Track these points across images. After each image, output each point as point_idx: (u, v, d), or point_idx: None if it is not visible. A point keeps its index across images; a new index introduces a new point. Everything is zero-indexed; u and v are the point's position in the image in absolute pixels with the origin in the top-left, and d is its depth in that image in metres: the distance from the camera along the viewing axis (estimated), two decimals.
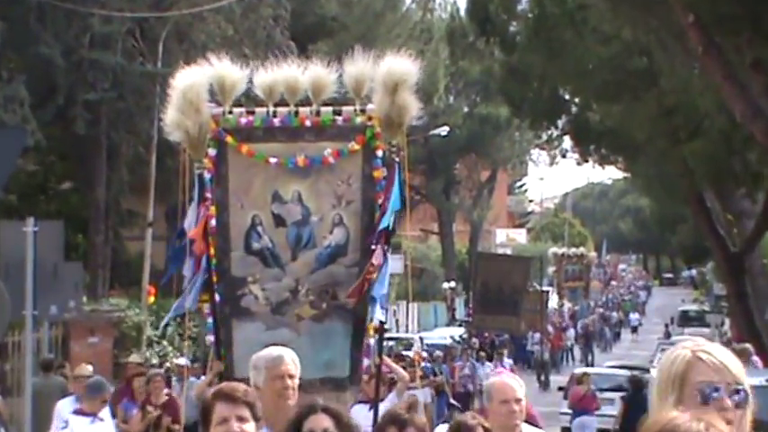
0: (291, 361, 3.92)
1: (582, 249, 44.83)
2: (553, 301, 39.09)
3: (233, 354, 5.99)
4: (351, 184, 6.05)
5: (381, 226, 5.83)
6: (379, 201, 6.03)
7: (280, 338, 5.68)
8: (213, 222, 6.06)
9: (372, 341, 6.17)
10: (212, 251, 6.02)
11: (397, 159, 6.08)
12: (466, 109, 41.56)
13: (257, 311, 6.07)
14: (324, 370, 5.89)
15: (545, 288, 34.30)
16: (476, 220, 44.34)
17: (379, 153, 6.06)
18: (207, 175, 6.04)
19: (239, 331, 6.03)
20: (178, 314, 6.23)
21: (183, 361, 12.37)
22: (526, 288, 25.18)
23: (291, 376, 3.87)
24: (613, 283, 60.93)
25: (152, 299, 21.13)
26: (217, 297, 5.94)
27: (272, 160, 6.01)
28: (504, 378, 4.23)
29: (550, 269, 44.11)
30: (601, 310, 44.96)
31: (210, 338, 6.00)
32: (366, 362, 6.22)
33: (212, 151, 6.06)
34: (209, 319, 5.97)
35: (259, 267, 6.11)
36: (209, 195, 6.05)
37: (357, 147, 6.03)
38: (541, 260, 31.01)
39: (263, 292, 6.07)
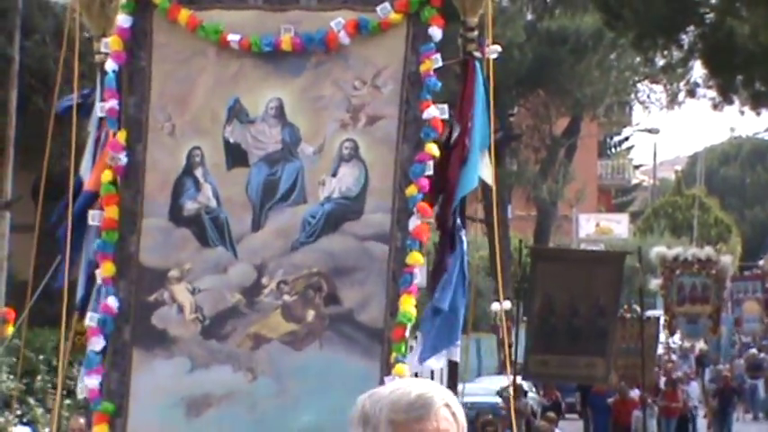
0: (447, 408, 3.13)
1: (708, 250, 44.21)
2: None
3: (128, 415, 5.80)
4: (379, 87, 5.81)
5: (459, 193, 5.85)
6: (430, 115, 5.84)
7: (215, 382, 5.59)
8: (120, 158, 5.70)
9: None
10: (110, 214, 5.85)
11: (476, 53, 6.06)
12: (530, 17, 40.50)
13: (178, 335, 5.85)
14: None
15: (653, 313, 33.73)
16: (546, 200, 44.02)
17: (437, 32, 5.88)
18: (111, 67, 5.76)
19: (145, 374, 5.82)
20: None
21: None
22: (617, 309, 24.36)
23: None
24: None
25: (10, 328, 20.87)
26: (111, 304, 5.78)
27: (232, 39, 5.70)
28: None
29: (654, 282, 43.79)
30: (753, 350, 44.68)
31: (88, 382, 5.82)
32: None
33: (124, 19, 5.75)
34: (92, 346, 5.86)
35: (190, 249, 5.85)
36: (112, 105, 5.76)
37: (395, 17, 5.83)
38: (640, 256, 30.32)
39: (193, 295, 5.88)
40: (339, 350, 5.85)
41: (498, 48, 6.23)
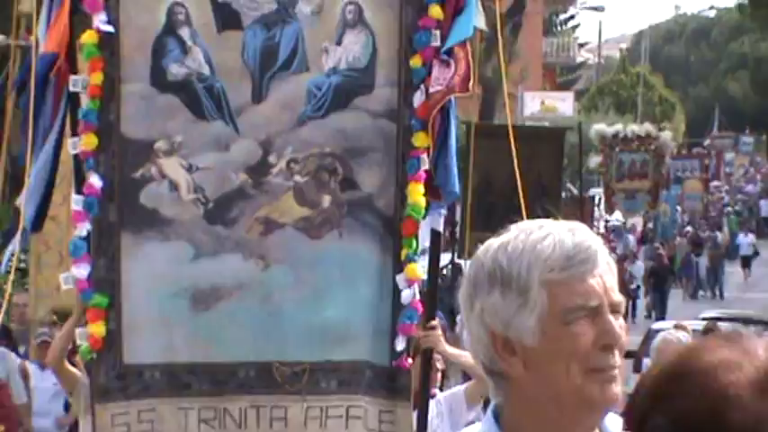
0: (604, 254, 2.27)
1: (648, 126, 44.24)
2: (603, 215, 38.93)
3: (121, 304, 5.52)
4: None
5: (452, 39, 5.55)
6: None
7: (223, 273, 5.36)
8: (102, 20, 5.27)
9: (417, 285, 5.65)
10: (95, 80, 5.39)
11: None
12: None
13: (175, 217, 5.57)
14: (326, 346, 5.58)
15: (591, 193, 33.79)
16: (491, 78, 43.66)
17: None
18: None
19: (137, 259, 5.55)
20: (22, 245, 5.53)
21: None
22: (559, 188, 24.20)
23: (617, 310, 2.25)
24: (715, 183, 61.17)
25: None
26: (94, 182, 5.44)
27: None
28: None
29: (594, 160, 44.01)
30: (689, 228, 45.08)
31: (76, 272, 5.49)
32: (400, 338, 5.69)
33: None
34: (78, 232, 5.50)
35: (180, 120, 5.50)
36: None
37: None
38: (580, 133, 30.26)
39: (189, 173, 5.53)
40: (359, 240, 5.50)
41: None
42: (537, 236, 2.16)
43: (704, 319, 21.92)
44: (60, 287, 5.80)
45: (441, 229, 5.96)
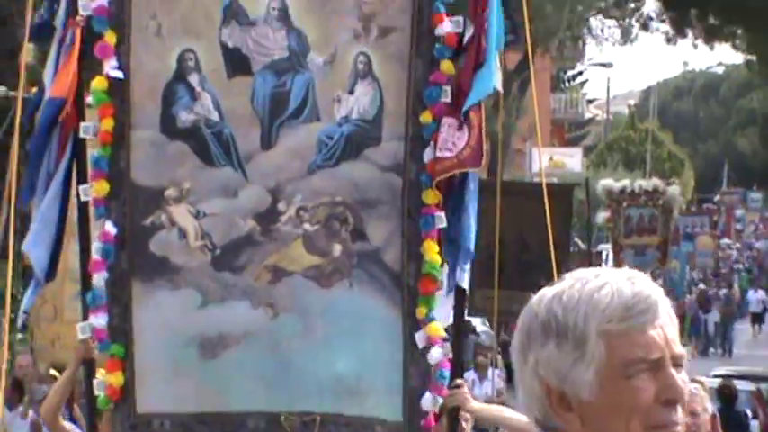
0: (665, 305, 2.22)
1: (655, 181, 44.10)
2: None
3: (134, 353, 5.45)
4: None
5: (472, 98, 5.47)
6: (444, 30, 5.52)
7: (231, 321, 5.26)
8: (114, 66, 5.26)
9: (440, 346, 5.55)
10: (105, 126, 5.38)
11: None
12: None
13: (184, 264, 5.49)
14: (336, 398, 5.44)
15: (599, 248, 33.64)
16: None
17: None
18: None
19: (148, 308, 5.45)
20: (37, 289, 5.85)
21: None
22: (569, 242, 24.13)
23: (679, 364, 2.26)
24: (725, 240, 61.15)
25: None
26: (108, 229, 5.38)
27: None
28: None
29: (601, 215, 43.77)
30: (702, 286, 44.97)
31: (94, 321, 5.43)
32: (431, 397, 5.62)
33: None
34: (89, 279, 5.50)
35: (188, 166, 5.43)
36: (101, 2, 5.31)
37: None
38: (587, 189, 30.29)
39: (197, 219, 5.48)
40: (368, 292, 5.44)
41: None
42: (593, 285, 2.05)
43: (716, 376, 21.80)
44: (55, 342, 5.77)
45: (466, 285, 5.88)
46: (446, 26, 5.57)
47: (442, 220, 5.52)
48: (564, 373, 2.02)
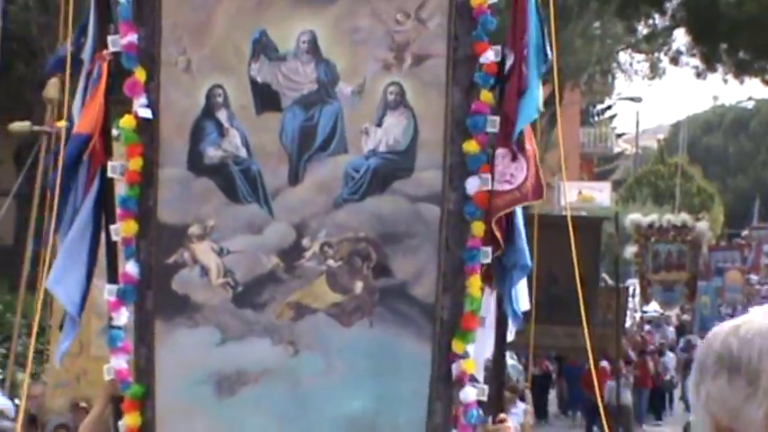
0: None
1: (684, 216, 43.97)
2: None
3: (155, 389, 5.42)
4: (425, 21, 5.35)
5: (519, 124, 5.46)
6: (487, 59, 5.45)
7: (249, 358, 5.23)
8: (143, 104, 5.24)
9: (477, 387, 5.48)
10: (134, 166, 5.38)
11: None
12: None
13: (205, 302, 5.45)
14: None
15: (627, 283, 33.33)
16: None
17: None
18: None
19: (168, 347, 5.43)
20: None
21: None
22: (598, 276, 24.09)
23: None
24: (752, 276, 60.64)
25: None
26: (131, 270, 5.39)
27: None
28: None
29: (629, 250, 43.60)
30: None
31: (115, 363, 5.45)
32: None
33: None
34: (112, 318, 5.45)
35: (213, 203, 5.39)
36: (131, 39, 5.27)
37: None
38: (617, 223, 30.18)
39: (220, 257, 5.42)
40: (391, 329, 5.31)
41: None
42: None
43: None
44: (81, 377, 5.70)
45: (527, 307, 6.02)
46: (489, 55, 5.50)
47: (487, 254, 5.42)
48: (734, 409, 1.91)
